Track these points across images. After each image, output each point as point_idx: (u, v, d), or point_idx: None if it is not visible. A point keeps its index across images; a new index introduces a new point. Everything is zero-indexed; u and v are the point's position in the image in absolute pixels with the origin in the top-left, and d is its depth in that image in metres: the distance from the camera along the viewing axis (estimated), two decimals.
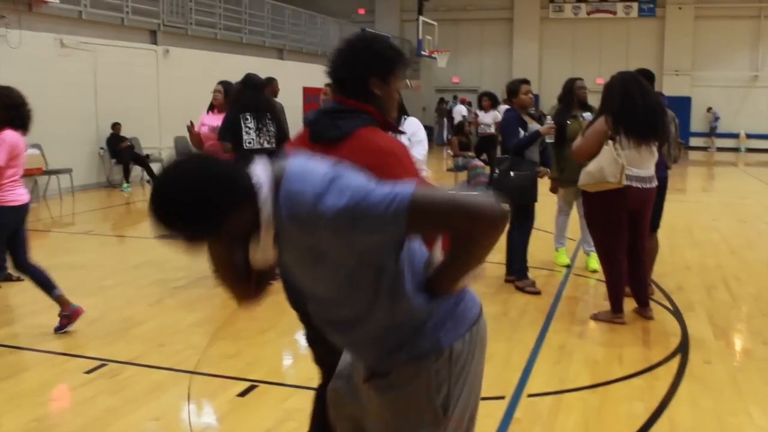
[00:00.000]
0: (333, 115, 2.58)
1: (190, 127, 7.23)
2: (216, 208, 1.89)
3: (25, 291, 6.92)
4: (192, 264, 8.02)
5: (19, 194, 5.81)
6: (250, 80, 7.26)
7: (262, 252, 1.99)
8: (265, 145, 7.05)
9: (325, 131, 2.55)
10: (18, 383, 4.79)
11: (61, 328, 5.72)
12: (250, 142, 6.96)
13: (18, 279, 7.17)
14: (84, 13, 15.10)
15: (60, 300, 5.76)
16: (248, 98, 7.10)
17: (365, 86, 2.60)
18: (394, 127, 2.68)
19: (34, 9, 13.85)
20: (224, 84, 7.54)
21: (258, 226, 1.95)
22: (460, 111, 19.83)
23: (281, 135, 7.20)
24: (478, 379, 2.31)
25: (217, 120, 7.25)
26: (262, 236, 1.96)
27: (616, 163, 5.53)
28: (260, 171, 2.00)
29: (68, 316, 5.75)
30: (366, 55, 2.62)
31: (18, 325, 6.15)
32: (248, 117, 6.99)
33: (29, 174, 12.65)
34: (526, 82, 7.17)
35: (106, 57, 15.15)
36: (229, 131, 6.93)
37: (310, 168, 1.96)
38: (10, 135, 5.73)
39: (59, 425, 4.21)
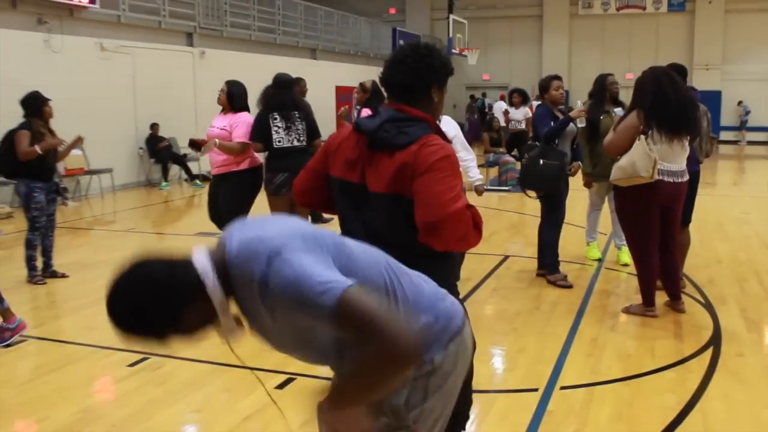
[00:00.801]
0: (398, 124, 2.63)
1: (195, 140, 7.12)
2: (166, 313, 1.91)
3: (70, 287, 7.03)
4: None
5: None
6: (278, 80, 7.26)
7: (228, 332, 2.02)
8: (295, 143, 7.07)
9: (394, 139, 2.60)
10: (65, 376, 4.87)
11: (2, 342, 5.41)
12: (279, 141, 7.00)
13: (63, 275, 7.28)
14: (123, 17, 15.26)
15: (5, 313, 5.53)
16: (276, 97, 7.11)
17: (428, 92, 2.72)
18: (444, 135, 2.73)
19: (75, 14, 14.03)
20: (229, 84, 7.32)
21: (215, 312, 1.98)
22: (500, 107, 19.68)
23: (312, 133, 7.21)
24: (456, 389, 2.26)
25: (223, 120, 7.18)
26: (221, 320, 2.00)
27: (648, 158, 5.48)
28: (202, 259, 2.00)
29: (11, 329, 5.50)
30: (431, 63, 2.72)
31: (64, 320, 6.24)
32: (276, 116, 7.02)
33: (72, 174, 12.87)
34: (557, 78, 7.15)
35: (144, 59, 15.30)
36: (259, 131, 6.98)
37: (251, 248, 1.95)
38: None
39: (104, 417, 4.27)
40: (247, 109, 7.26)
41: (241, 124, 6.96)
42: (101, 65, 14.21)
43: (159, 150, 15.31)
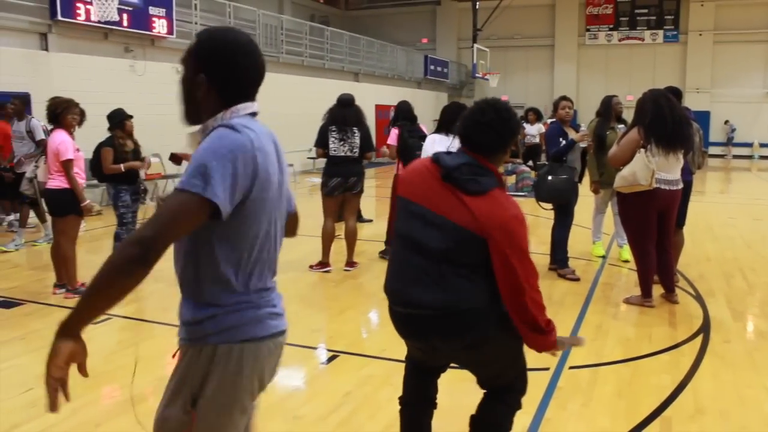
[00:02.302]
0: (473, 169, 2.58)
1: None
2: (223, 66, 1.98)
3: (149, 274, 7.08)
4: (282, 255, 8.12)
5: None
6: (340, 99, 7.37)
7: (189, 145, 1.97)
8: (348, 153, 7.14)
9: (466, 185, 2.55)
10: (143, 349, 4.89)
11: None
12: (335, 150, 7.11)
13: None
14: None
15: None
16: (335, 114, 7.20)
17: (504, 150, 2.68)
18: (503, 185, 2.71)
19: (155, 44, 14.20)
20: None
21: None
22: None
23: (364, 146, 7.21)
24: (241, 394, 1.96)
25: None
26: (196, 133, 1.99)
27: (648, 169, 5.40)
28: (255, 105, 2.04)
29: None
30: (513, 128, 2.65)
31: (143, 301, 6.29)
32: (334, 129, 7.11)
33: (151, 178, 13.00)
34: (564, 99, 7.09)
35: None
36: (320, 140, 7.14)
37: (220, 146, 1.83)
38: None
39: None
40: None
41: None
42: (177, 87, 14.34)
43: None
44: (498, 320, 2.65)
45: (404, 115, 7.92)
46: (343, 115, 7.17)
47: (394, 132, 7.72)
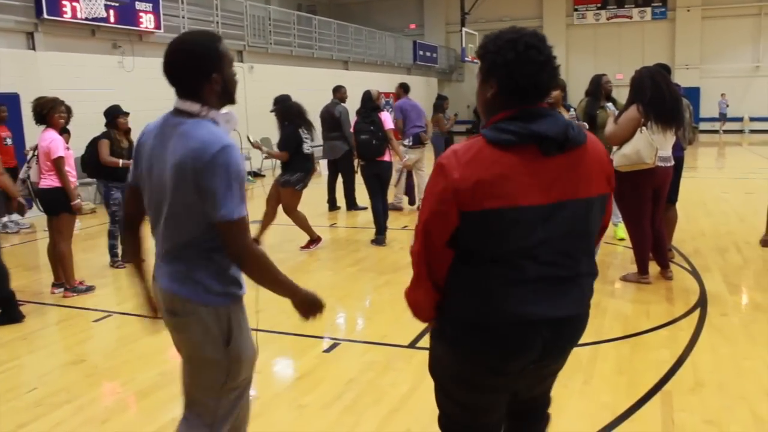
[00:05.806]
0: (569, 123, 1.99)
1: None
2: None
3: (146, 270, 7.08)
4: (292, 249, 8.13)
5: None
6: (287, 99, 7.50)
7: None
8: (313, 149, 7.51)
9: (580, 136, 1.97)
10: (145, 345, 4.88)
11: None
12: (308, 149, 7.37)
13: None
14: None
15: None
16: (298, 114, 7.38)
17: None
18: None
19: (143, 39, 14.10)
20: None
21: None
22: None
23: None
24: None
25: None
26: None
27: (651, 147, 5.40)
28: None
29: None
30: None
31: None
32: (303, 129, 7.36)
33: None
34: None
35: None
36: (294, 142, 7.26)
37: None
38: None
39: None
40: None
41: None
42: (166, 82, 14.27)
43: None
44: None
45: (363, 103, 8.08)
46: (303, 113, 7.41)
47: (354, 120, 7.91)
